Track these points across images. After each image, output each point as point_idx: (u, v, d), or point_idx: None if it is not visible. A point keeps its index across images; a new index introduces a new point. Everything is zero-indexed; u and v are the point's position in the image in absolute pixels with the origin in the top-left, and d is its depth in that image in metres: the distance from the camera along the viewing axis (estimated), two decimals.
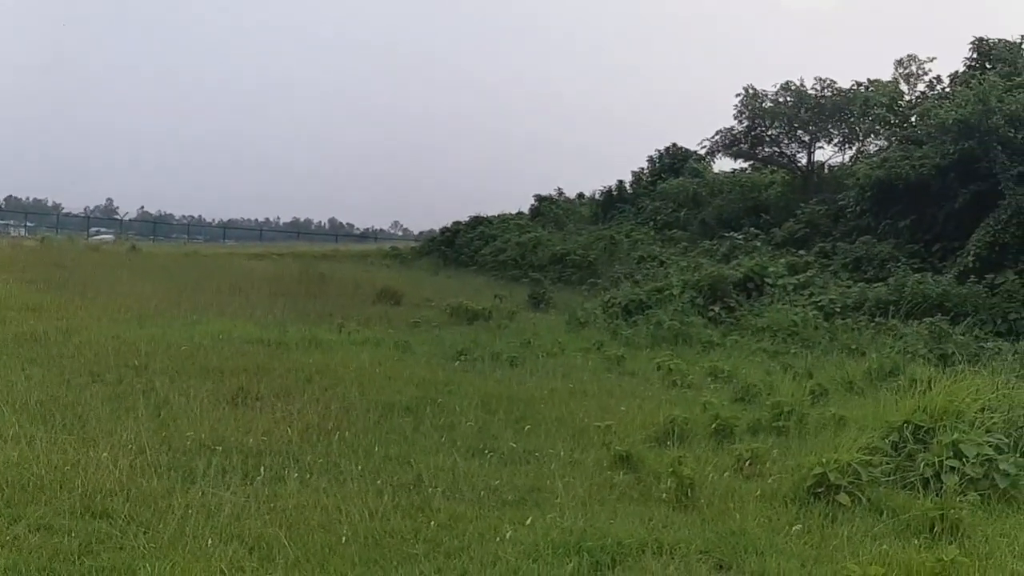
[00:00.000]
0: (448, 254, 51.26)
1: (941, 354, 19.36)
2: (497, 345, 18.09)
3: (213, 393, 10.85)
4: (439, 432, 10.00)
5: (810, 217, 34.84)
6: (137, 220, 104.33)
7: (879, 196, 31.98)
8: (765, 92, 41.23)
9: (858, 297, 24.97)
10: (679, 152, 51.13)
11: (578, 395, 13.14)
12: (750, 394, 13.92)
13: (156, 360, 13.21)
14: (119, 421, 9.12)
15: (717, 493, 8.09)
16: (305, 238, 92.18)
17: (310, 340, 16.74)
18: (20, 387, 10.47)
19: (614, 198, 51.27)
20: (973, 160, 27.83)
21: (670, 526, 7.09)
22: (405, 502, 7.31)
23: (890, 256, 28.88)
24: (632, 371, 16.37)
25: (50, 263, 30.58)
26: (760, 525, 7.21)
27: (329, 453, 8.59)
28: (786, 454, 9.56)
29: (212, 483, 7.26)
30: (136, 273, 28.81)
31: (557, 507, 7.36)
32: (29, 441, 8.04)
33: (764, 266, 26.95)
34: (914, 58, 38.50)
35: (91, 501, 6.75)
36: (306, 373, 13.07)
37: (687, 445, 10.14)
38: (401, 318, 22.87)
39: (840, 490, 7.90)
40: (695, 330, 21.96)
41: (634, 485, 8.38)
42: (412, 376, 13.69)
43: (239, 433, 9.00)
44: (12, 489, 6.86)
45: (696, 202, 42.78)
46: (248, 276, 31.34)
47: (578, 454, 9.38)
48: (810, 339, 21.93)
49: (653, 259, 34.62)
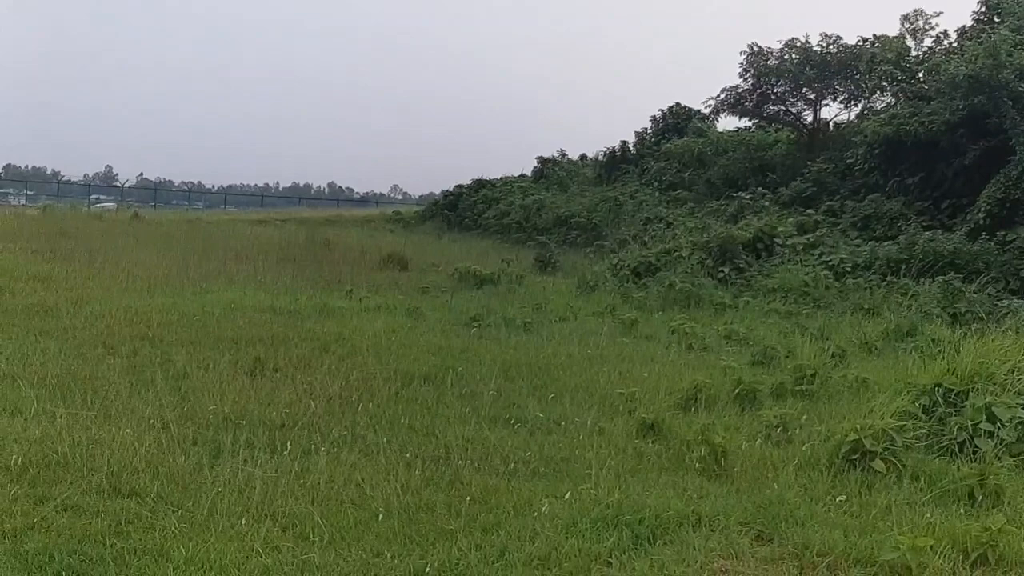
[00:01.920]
0: (451, 218, 50.88)
1: (954, 313, 19.27)
2: (509, 310, 17.95)
3: (231, 364, 10.72)
4: (462, 401, 9.88)
5: (817, 175, 34.47)
6: (137, 187, 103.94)
7: (887, 153, 31.61)
8: (770, 49, 40.69)
9: (868, 256, 24.77)
10: (682, 111, 50.51)
11: (596, 360, 13.01)
12: (768, 357, 13.79)
13: (169, 331, 13.09)
14: (139, 395, 8.99)
15: (750, 461, 7.98)
16: (306, 203, 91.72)
17: (322, 308, 16.65)
18: (35, 361, 10.35)
19: (617, 159, 50.74)
20: (983, 116, 27.44)
21: (705, 497, 6.97)
22: (436, 475, 7.19)
23: (899, 214, 28.59)
24: (647, 335, 16.22)
25: (54, 232, 30.33)
26: (797, 494, 7.09)
27: (354, 425, 8.47)
28: (814, 419, 9.45)
29: (240, 459, 7.13)
30: (141, 241, 28.57)
31: (589, 478, 7.23)
32: (50, 418, 7.91)
33: (773, 226, 26.67)
34: (920, 13, 37.83)
35: (118, 480, 6.62)
36: (322, 342, 12.95)
37: (711, 411, 10.03)
38: (409, 283, 22.73)
39: (875, 456, 7.76)
40: (706, 292, 21.78)
41: (664, 454, 8.27)
42: (428, 344, 13.56)
43: (262, 406, 8.87)
44: (37, 468, 6.73)
45: (701, 162, 42.32)
46: (253, 242, 31.06)
47: (604, 422, 9.26)
48: (822, 299, 21.81)
49: (659, 220, 34.28)
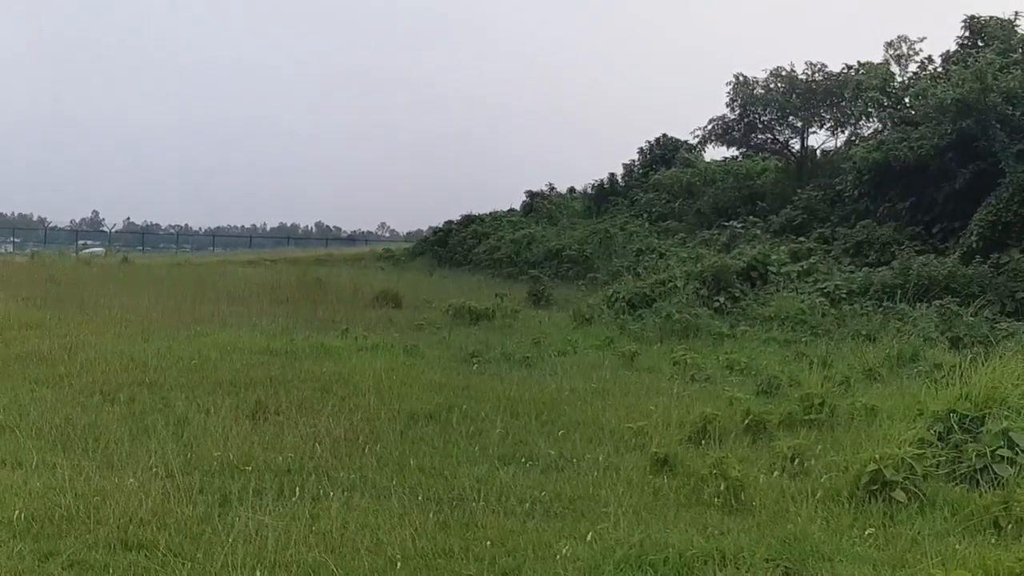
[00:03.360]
0: (442, 254, 50.87)
1: (953, 337, 19.20)
2: (507, 345, 17.78)
3: (232, 409, 10.53)
4: (469, 440, 9.70)
5: (807, 203, 34.62)
6: (124, 232, 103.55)
7: (877, 179, 31.79)
8: (756, 79, 41.07)
9: (863, 282, 24.75)
10: (669, 142, 50.83)
11: (600, 395, 12.86)
12: (772, 386, 13.67)
13: (166, 376, 12.90)
14: (140, 443, 8.79)
15: (768, 494, 7.82)
16: (295, 243, 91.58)
17: (318, 348, 16.47)
18: (33, 410, 10.14)
19: (606, 191, 50.95)
20: (971, 139, 27.65)
21: (727, 533, 6.81)
22: (450, 518, 7.01)
23: (891, 239, 28.69)
24: (648, 367, 16.07)
25: (43, 279, 30.18)
26: (820, 528, 6.94)
27: (362, 468, 8.29)
28: (828, 449, 9.31)
29: (249, 507, 6.95)
30: (132, 285, 28.39)
31: (607, 517, 7.07)
32: (51, 469, 7.71)
33: (767, 254, 26.65)
34: (904, 39, 38.41)
35: (124, 532, 6.42)
36: (322, 383, 12.77)
37: (722, 443, 9.87)
38: (404, 321, 22.55)
39: (896, 486, 7.62)
40: (703, 322, 21.67)
41: (679, 489, 8.10)
42: (429, 382, 13.40)
43: (266, 451, 8.68)
44: (40, 522, 6.53)
45: (690, 192, 42.52)
46: (245, 284, 30.92)
47: (616, 458, 9.10)
48: (819, 326, 21.70)
49: (652, 251, 34.32)
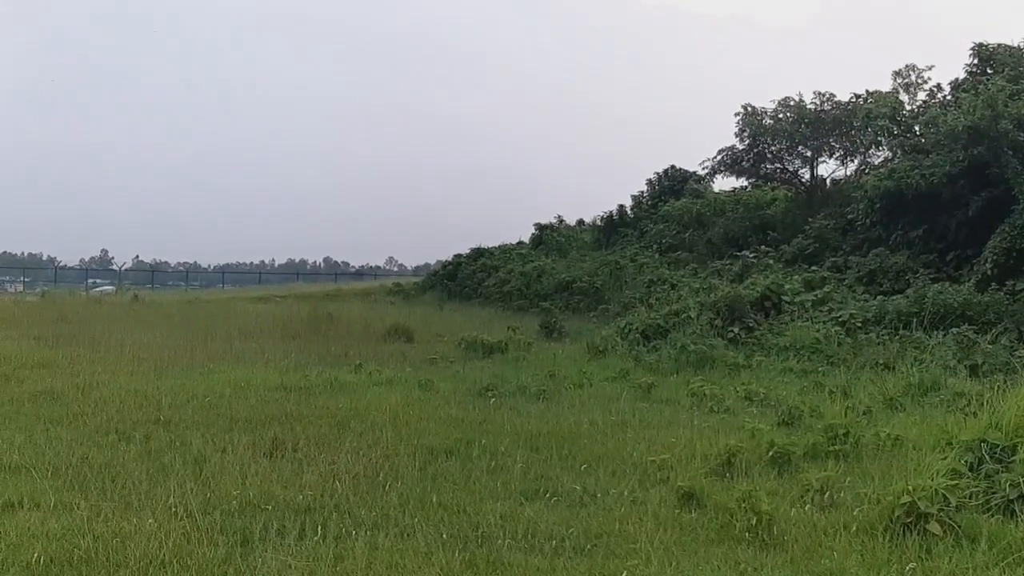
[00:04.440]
0: (451, 287, 50.85)
1: (972, 365, 19.00)
2: (522, 378, 17.62)
3: (249, 446, 10.39)
4: (490, 476, 9.54)
5: (819, 232, 34.51)
6: (133, 269, 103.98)
7: (888, 207, 31.68)
8: (764, 109, 41.13)
9: (878, 310, 24.55)
10: (678, 174, 50.90)
11: (620, 427, 12.69)
12: (793, 417, 13.50)
13: (181, 413, 12.80)
14: (158, 483, 8.65)
15: (799, 528, 7.65)
16: (303, 279, 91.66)
17: (332, 383, 16.35)
18: (48, 450, 10.02)
19: (615, 223, 50.96)
20: (983, 166, 27.56)
21: (761, 569, 6.66)
22: (476, 557, 6.85)
23: (905, 267, 28.53)
24: (665, 399, 15.91)
25: (54, 318, 30.22)
26: (856, 563, 6.77)
27: (384, 506, 8.13)
28: (857, 481, 9.13)
29: (271, 547, 6.80)
30: (142, 323, 28.41)
31: (635, 554, 6.92)
32: (69, 510, 7.58)
33: (780, 284, 26.49)
34: (913, 67, 38.34)
35: (144, 574, 6.28)
36: (338, 419, 12.65)
37: (747, 476, 9.71)
38: (416, 355, 22.44)
39: (930, 519, 7.46)
40: (718, 353, 21.51)
41: (707, 524, 7.93)
42: (445, 416, 13.26)
43: (286, 489, 8.54)
44: (60, 566, 6.39)
45: (700, 223, 42.47)
46: (255, 320, 30.89)
47: (640, 492, 8.92)
48: (835, 355, 21.51)
49: (663, 282, 34.19)
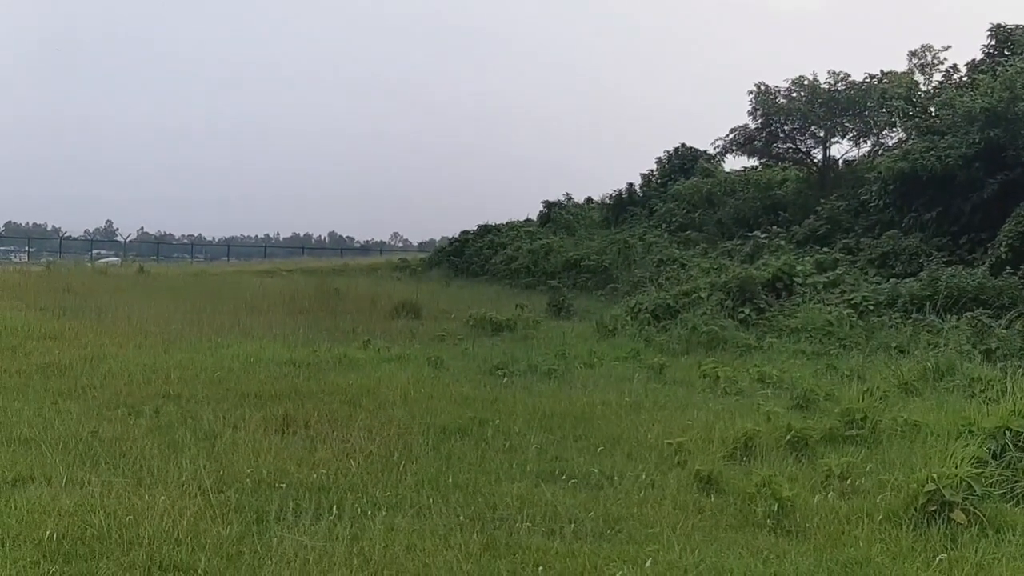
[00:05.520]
0: (458, 264, 50.63)
1: (987, 350, 18.81)
2: (532, 357, 17.50)
3: (261, 423, 10.27)
4: (504, 456, 9.42)
5: (831, 213, 34.21)
6: (137, 241, 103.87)
7: (902, 189, 31.38)
8: (778, 88, 40.77)
9: (890, 293, 24.32)
10: (688, 152, 50.51)
11: (632, 408, 12.55)
12: (808, 400, 13.34)
13: (190, 388, 12.68)
14: (170, 459, 8.53)
15: (820, 515, 7.51)
16: (309, 253, 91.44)
17: (341, 359, 16.23)
18: (57, 424, 9.92)
19: (624, 201, 50.66)
20: (1000, 149, 27.30)
21: (784, 557, 6.53)
22: (495, 540, 6.73)
23: (918, 250, 28.27)
24: (677, 379, 15.77)
25: (60, 288, 30.03)
26: (881, 552, 6.64)
27: (399, 486, 8.01)
28: (878, 467, 8.99)
29: (286, 526, 6.68)
30: (149, 295, 28.26)
31: (655, 539, 6.80)
32: (81, 486, 7.47)
33: (792, 265, 26.28)
34: (928, 48, 37.93)
35: (159, 553, 6.17)
36: (348, 396, 12.53)
37: (764, 460, 9.58)
38: (424, 332, 22.31)
39: (954, 507, 7.33)
40: (729, 334, 21.35)
41: (726, 509, 7.81)
42: (456, 395, 13.13)
43: (299, 467, 8.42)
44: (72, 543, 6.29)
45: (710, 202, 42.17)
46: (262, 294, 30.75)
47: (657, 476, 8.79)
48: (847, 338, 21.32)
49: (673, 262, 33.98)
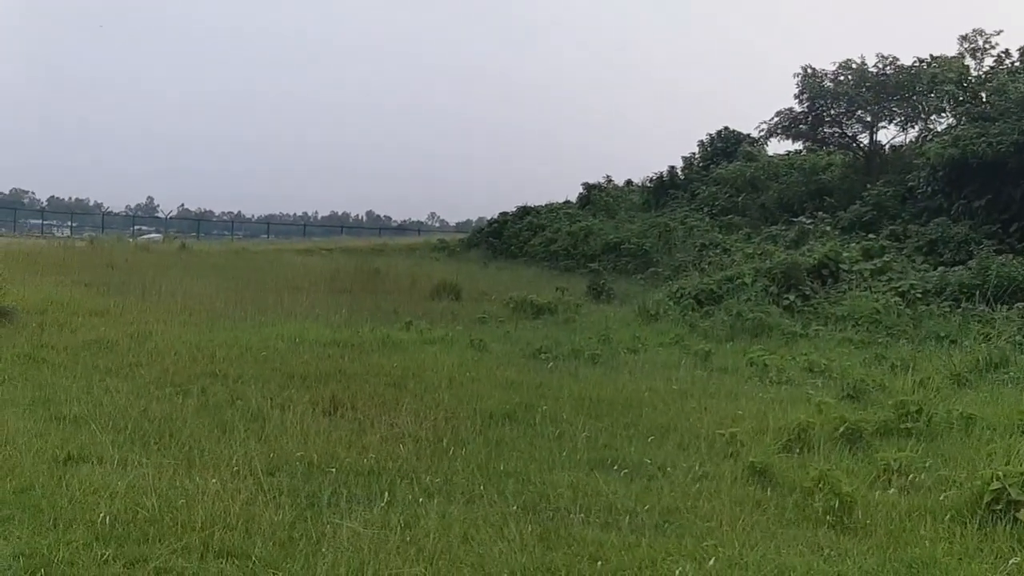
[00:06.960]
0: (496, 245, 50.50)
1: None
2: (574, 341, 17.38)
3: (308, 404, 10.23)
4: (553, 443, 9.30)
5: (877, 199, 33.63)
6: (178, 218, 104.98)
7: (952, 175, 30.74)
8: (824, 71, 40.06)
9: (939, 281, 23.88)
10: (731, 136, 49.93)
11: (680, 396, 12.37)
12: (858, 391, 13.09)
13: (235, 367, 12.68)
14: (220, 440, 8.50)
15: (879, 512, 7.32)
16: (347, 232, 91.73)
17: (384, 341, 16.18)
18: (106, 402, 9.93)
19: (666, 184, 50.21)
20: None
21: (846, 555, 6.35)
22: (550, 532, 6.60)
23: (967, 238, 27.73)
24: (723, 367, 15.56)
25: (103, 264, 30.32)
26: (945, 552, 6.44)
27: (449, 472, 7.93)
28: (937, 463, 8.77)
29: (339, 512, 6.61)
30: (191, 272, 28.35)
31: (712, 533, 6.65)
32: (132, 467, 7.45)
33: (838, 251, 25.89)
34: (980, 32, 37.06)
35: (210, 537, 6.10)
36: (393, 378, 12.47)
37: (817, 453, 9.38)
38: (465, 314, 22.27)
39: (1020, 507, 7.11)
40: (775, 321, 21.08)
41: (782, 503, 7.63)
42: (501, 379, 13.02)
43: (349, 451, 8.36)
44: (124, 525, 6.24)
45: (754, 186, 41.61)
46: (303, 273, 30.90)
47: (710, 467, 8.63)
48: (895, 327, 20.95)
49: (715, 246, 33.61)
